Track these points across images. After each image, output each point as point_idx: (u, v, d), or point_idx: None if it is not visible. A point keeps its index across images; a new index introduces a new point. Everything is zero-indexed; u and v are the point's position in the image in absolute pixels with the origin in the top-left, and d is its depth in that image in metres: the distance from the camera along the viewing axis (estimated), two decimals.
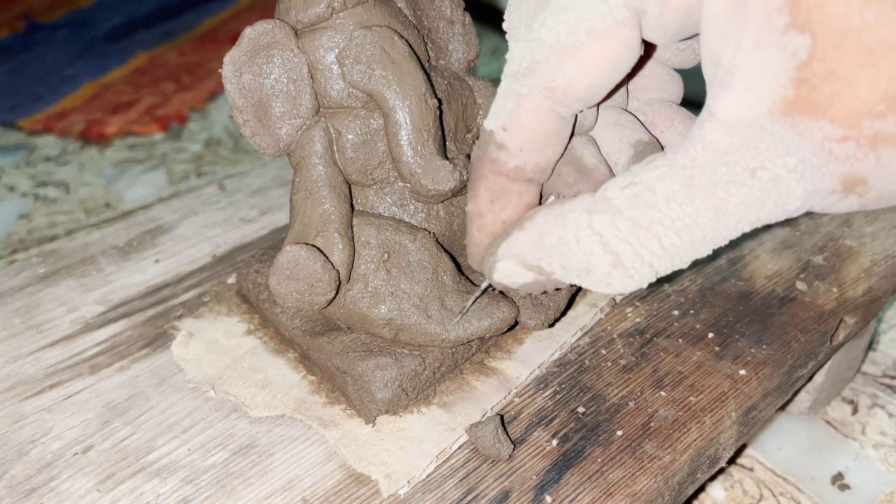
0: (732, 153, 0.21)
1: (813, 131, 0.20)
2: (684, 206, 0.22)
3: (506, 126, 0.26)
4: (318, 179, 0.35)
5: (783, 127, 0.21)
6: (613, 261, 0.24)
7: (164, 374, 0.38)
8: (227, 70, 0.34)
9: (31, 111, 0.94)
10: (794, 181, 0.21)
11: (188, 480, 0.33)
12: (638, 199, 0.23)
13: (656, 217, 0.22)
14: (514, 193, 0.28)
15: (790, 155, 0.21)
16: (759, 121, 0.21)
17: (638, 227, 0.23)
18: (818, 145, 0.21)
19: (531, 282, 0.28)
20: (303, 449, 0.34)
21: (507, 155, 0.27)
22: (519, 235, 0.27)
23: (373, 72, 0.33)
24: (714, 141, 0.21)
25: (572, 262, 0.25)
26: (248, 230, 0.49)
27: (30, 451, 0.34)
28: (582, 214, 0.24)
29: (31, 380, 0.38)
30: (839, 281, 0.43)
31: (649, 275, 0.24)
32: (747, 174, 0.21)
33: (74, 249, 0.48)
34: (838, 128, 0.20)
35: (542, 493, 0.32)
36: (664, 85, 0.30)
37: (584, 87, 0.24)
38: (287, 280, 0.32)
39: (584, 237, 0.24)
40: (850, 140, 0.20)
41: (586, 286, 0.25)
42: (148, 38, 1.11)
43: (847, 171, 0.21)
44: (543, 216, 0.26)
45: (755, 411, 0.37)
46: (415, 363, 0.34)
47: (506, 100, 0.26)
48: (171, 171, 0.81)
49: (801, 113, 0.20)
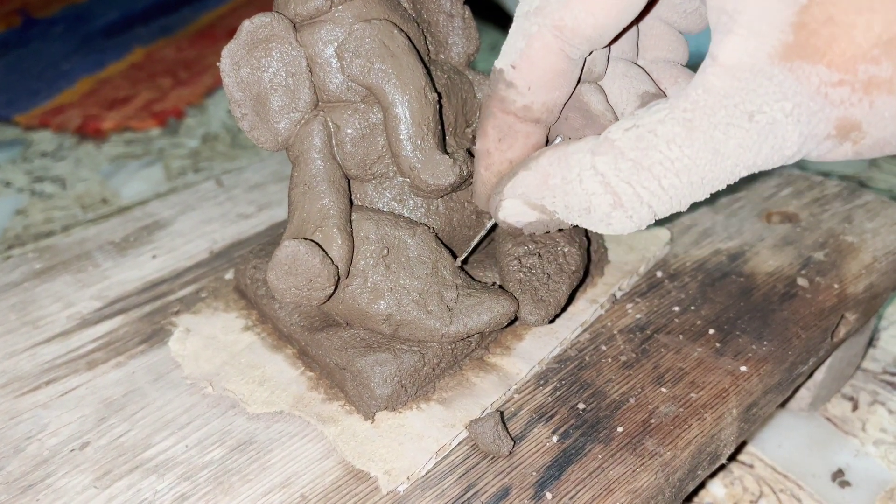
0: (732, 96, 0.22)
1: (810, 76, 0.21)
2: (684, 147, 0.23)
3: (515, 64, 0.27)
4: (316, 174, 0.34)
5: (781, 71, 0.21)
6: (614, 200, 0.24)
7: (161, 371, 0.38)
8: (225, 63, 0.33)
9: (27, 106, 0.93)
10: (790, 125, 0.22)
11: (186, 477, 0.32)
12: (640, 141, 0.23)
13: (657, 158, 0.23)
14: (521, 133, 0.29)
15: (787, 99, 0.21)
16: (759, 65, 0.21)
17: (639, 167, 0.24)
18: (815, 89, 0.21)
19: (535, 221, 0.29)
20: (301, 445, 0.34)
21: (516, 93, 0.27)
22: (524, 175, 0.27)
23: (372, 65, 0.33)
24: (714, 84, 0.22)
25: (574, 201, 0.26)
26: (246, 226, 0.49)
27: (26, 447, 0.34)
28: (585, 155, 0.25)
29: (26, 376, 0.38)
30: (840, 277, 0.43)
31: (648, 215, 0.24)
32: (745, 117, 0.22)
33: (71, 245, 0.48)
34: (834, 72, 0.21)
35: (543, 489, 0.31)
36: (670, 46, 0.31)
37: (591, 26, 0.25)
38: (285, 275, 0.32)
39: (587, 177, 0.25)
40: (845, 84, 0.21)
41: (587, 226, 0.26)
42: (145, 34, 1.10)
43: (842, 115, 0.21)
44: (549, 157, 0.27)
45: (756, 408, 0.37)
46: (414, 359, 0.34)
47: (516, 38, 0.27)
48: (169, 166, 0.81)
49: (800, 57, 0.21)
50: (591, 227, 0.26)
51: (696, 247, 0.45)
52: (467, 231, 0.38)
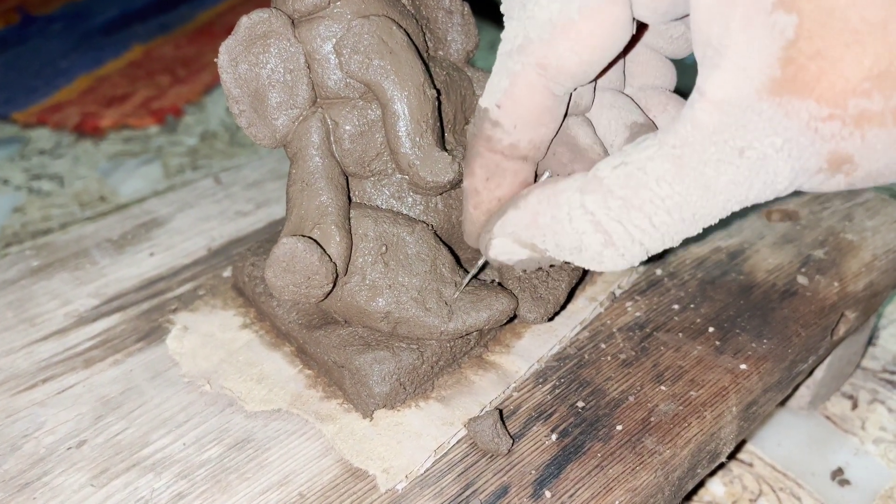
0: (721, 132, 0.21)
1: (800, 111, 0.21)
2: (674, 185, 0.22)
3: (500, 103, 0.27)
4: (314, 171, 0.34)
5: (770, 106, 0.21)
6: (605, 240, 0.24)
7: (158, 368, 0.38)
8: (222, 60, 0.33)
9: (25, 104, 0.93)
10: (781, 160, 0.21)
11: (183, 475, 0.32)
12: (629, 179, 0.23)
13: (647, 196, 0.23)
14: (509, 171, 0.28)
15: (777, 134, 0.21)
16: (747, 100, 0.21)
17: (629, 206, 0.23)
18: (804, 124, 0.21)
19: (526, 259, 0.28)
20: (299, 443, 0.33)
21: (502, 132, 0.27)
22: (513, 214, 0.27)
23: (371, 62, 0.33)
24: (703, 120, 0.22)
25: (565, 240, 0.25)
26: (244, 223, 0.49)
27: (22, 445, 0.34)
28: (574, 194, 0.25)
29: (23, 374, 0.38)
30: (840, 275, 0.43)
31: (640, 253, 0.24)
32: (735, 153, 0.21)
33: (68, 242, 0.47)
34: (824, 107, 0.20)
35: (542, 488, 0.31)
36: (658, 72, 0.30)
37: (575, 64, 0.25)
38: (283, 273, 0.32)
39: (577, 216, 0.25)
40: (835, 119, 0.20)
41: (579, 264, 0.26)
42: (143, 31, 1.10)
43: (833, 149, 0.21)
44: (537, 195, 0.26)
45: (756, 406, 0.37)
46: (412, 357, 0.34)
47: (500, 77, 0.26)
48: (167, 164, 0.81)
49: (789, 92, 0.20)
50: (583, 265, 0.26)
51: (696, 244, 0.45)
52: None
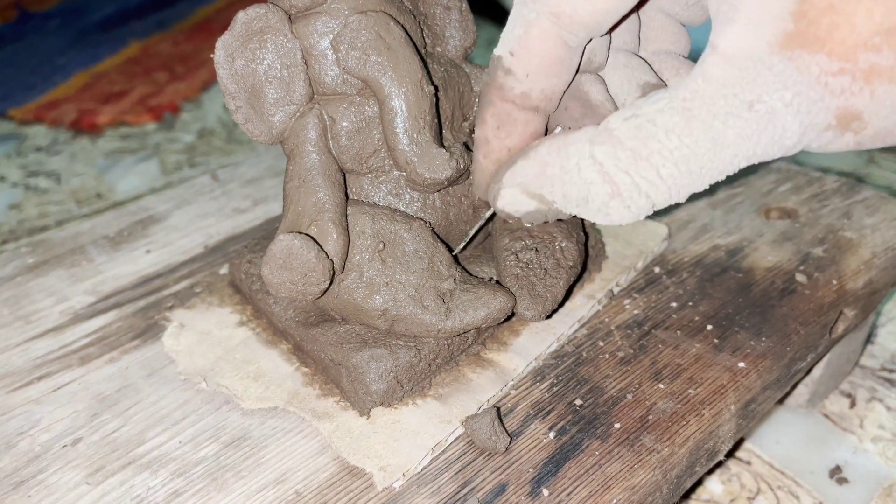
0: (731, 85, 0.22)
1: (810, 65, 0.21)
2: (683, 137, 0.23)
3: (513, 51, 0.27)
4: (311, 167, 0.34)
5: (781, 60, 0.21)
6: (612, 190, 0.24)
7: (154, 366, 0.38)
8: (219, 55, 0.33)
9: (22, 100, 0.93)
10: (790, 115, 0.21)
11: (179, 473, 0.32)
12: (639, 131, 0.23)
13: (655, 147, 0.23)
14: (520, 121, 0.28)
15: (787, 88, 0.21)
16: (759, 54, 0.21)
17: (637, 157, 0.23)
18: (815, 79, 0.21)
19: (533, 210, 0.29)
20: (296, 441, 0.33)
21: (514, 80, 0.27)
22: (523, 164, 0.27)
23: (368, 58, 0.33)
24: (714, 73, 0.22)
25: (573, 191, 0.26)
26: (241, 220, 0.49)
27: (17, 443, 0.34)
28: (584, 144, 0.25)
29: (19, 371, 0.38)
30: (839, 273, 0.43)
31: (646, 206, 0.24)
32: (745, 106, 0.22)
33: (64, 239, 0.47)
34: (835, 61, 0.20)
35: (539, 486, 0.31)
36: (672, 38, 0.31)
37: (588, 13, 0.25)
38: (280, 270, 0.32)
39: (585, 166, 0.25)
40: (845, 73, 0.21)
41: (585, 216, 0.26)
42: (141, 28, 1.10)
43: (842, 105, 0.21)
44: (547, 146, 0.26)
45: (754, 404, 0.37)
46: (410, 354, 0.34)
47: (514, 25, 0.26)
48: (164, 161, 0.80)
49: (800, 46, 0.21)
50: (588, 217, 0.26)
51: (695, 242, 0.45)
52: (464, 226, 0.38)
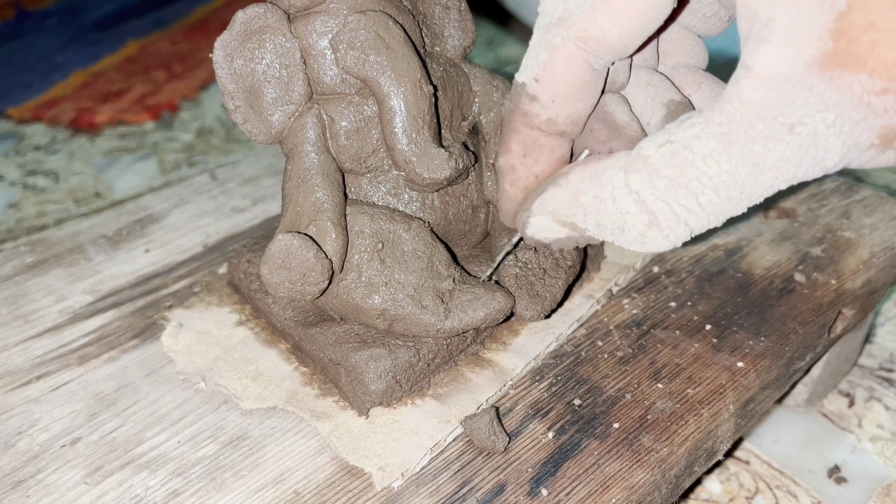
0: (770, 108, 0.21)
1: (852, 85, 0.20)
2: (722, 163, 0.22)
3: (538, 77, 0.26)
4: (310, 167, 0.34)
5: (821, 81, 0.20)
6: (649, 220, 0.24)
7: (153, 366, 0.37)
8: (218, 55, 0.33)
9: (20, 99, 0.92)
10: (832, 136, 0.21)
11: (178, 473, 0.32)
12: (675, 157, 0.23)
13: (694, 175, 0.22)
14: (546, 147, 0.28)
15: (829, 110, 0.21)
16: (797, 75, 0.20)
17: (675, 185, 0.23)
18: (857, 99, 0.20)
19: (564, 237, 0.28)
20: (295, 441, 0.33)
21: (540, 107, 0.27)
22: (554, 192, 0.27)
23: (367, 57, 0.33)
24: (751, 96, 0.21)
25: (607, 220, 0.25)
26: (240, 219, 0.49)
27: (16, 443, 0.34)
28: (618, 173, 0.24)
29: (17, 370, 0.38)
30: (838, 273, 0.43)
31: (684, 233, 0.24)
32: (785, 129, 0.21)
33: (63, 238, 0.47)
34: (877, 80, 0.20)
35: (538, 486, 0.31)
36: (691, 51, 0.30)
37: (616, 36, 0.25)
38: (279, 269, 0.32)
39: (621, 196, 0.24)
40: (889, 93, 0.20)
41: (620, 244, 0.26)
42: (139, 27, 1.09)
43: (886, 124, 0.21)
44: (579, 173, 0.26)
45: (753, 404, 0.37)
46: (409, 354, 0.34)
47: (538, 51, 0.26)
48: (163, 160, 0.80)
49: (840, 66, 0.20)
50: (624, 246, 0.26)
51: (693, 242, 0.45)
52: (462, 225, 0.38)
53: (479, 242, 0.40)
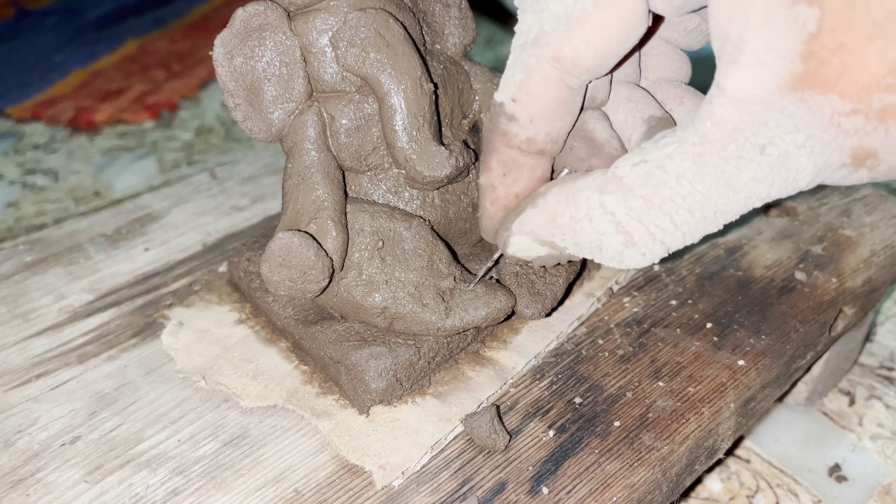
0: (742, 129, 0.21)
1: (822, 106, 0.20)
2: (695, 183, 0.22)
3: (515, 97, 0.26)
4: (310, 165, 0.34)
5: (792, 102, 0.20)
6: (625, 240, 0.24)
7: (153, 364, 0.37)
8: (218, 53, 0.33)
9: (19, 98, 0.92)
10: (803, 157, 0.21)
11: (178, 471, 0.32)
12: (649, 178, 0.23)
13: (668, 195, 0.23)
14: (526, 166, 0.28)
15: (799, 131, 0.21)
16: (768, 96, 0.21)
17: (649, 205, 0.23)
18: (827, 120, 0.20)
19: (545, 255, 0.28)
20: (295, 440, 0.33)
21: (518, 126, 0.27)
22: (532, 213, 0.27)
23: (367, 55, 0.33)
24: (723, 117, 0.21)
25: (585, 240, 0.25)
26: (240, 218, 0.49)
27: (16, 441, 0.34)
28: (593, 193, 0.24)
29: (17, 369, 0.37)
30: (838, 271, 0.43)
31: (661, 251, 0.24)
32: (756, 150, 0.21)
33: (62, 237, 0.47)
34: (847, 102, 0.20)
35: (539, 484, 0.31)
36: (673, 65, 0.30)
37: (591, 56, 0.25)
38: (279, 268, 0.31)
39: (596, 216, 0.24)
40: (858, 114, 0.20)
41: (599, 261, 0.26)
42: (138, 26, 1.09)
43: (856, 145, 0.21)
44: (556, 193, 0.26)
45: (754, 402, 0.37)
46: (409, 353, 0.34)
47: (514, 71, 0.26)
48: (162, 159, 0.80)
49: (810, 87, 0.20)
50: (603, 263, 0.26)
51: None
52: (463, 223, 0.37)
53: (480, 241, 0.40)
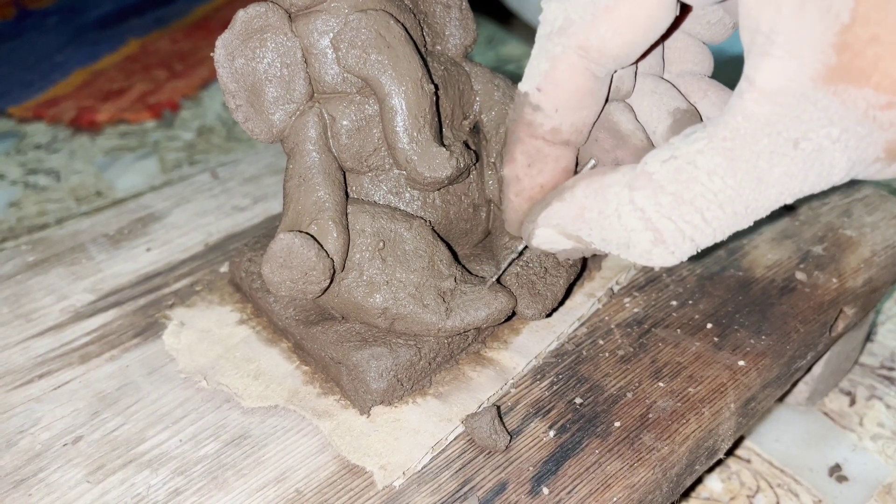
0: (774, 123, 0.21)
1: (857, 99, 0.20)
2: (727, 178, 0.22)
3: (541, 87, 0.26)
4: (311, 166, 0.34)
5: (826, 95, 0.20)
6: (655, 237, 0.24)
7: (155, 364, 0.38)
8: (219, 54, 0.33)
9: (21, 98, 0.92)
10: (837, 151, 0.21)
11: (180, 471, 0.32)
12: (679, 174, 0.23)
13: (699, 191, 0.22)
14: (550, 157, 0.28)
15: (833, 125, 0.20)
16: (801, 89, 0.20)
17: (680, 201, 0.23)
18: (862, 113, 0.20)
19: (570, 249, 0.28)
20: (296, 440, 0.33)
21: (543, 116, 0.27)
22: (559, 206, 0.27)
23: (368, 56, 0.33)
24: (755, 111, 0.21)
25: (612, 236, 0.25)
26: (241, 218, 0.49)
27: (18, 441, 0.34)
28: (623, 189, 0.24)
29: (19, 369, 0.38)
30: (839, 271, 0.43)
31: (690, 249, 0.24)
32: (790, 145, 0.21)
33: (64, 237, 0.47)
34: (882, 95, 0.20)
35: (540, 484, 0.31)
36: (696, 58, 0.30)
37: (617, 45, 0.24)
38: (280, 268, 0.32)
39: (625, 212, 0.24)
40: (894, 107, 0.20)
41: (626, 258, 0.26)
42: (140, 26, 1.09)
43: (891, 138, 0.21)
44: (584, 188, 0.26)
45: (754, 402, 0.37)
46: (410, 353, 0.34)
47: (539, 60, 0.26)
48: (164, 159, 0.80)
49: (844, 80, 0.20)
50: (631, 259, 0.25)
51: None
52: (464, 224, 0.38)
53: (481, 241, 0.40)
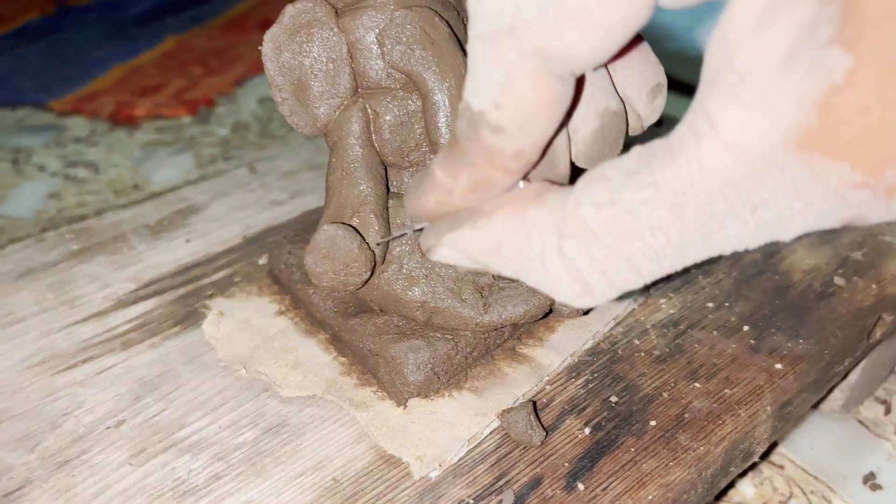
0: (735, 185, 0.18)
1: (829, 174, 0.17)
2: (671, 236, 0.19)
3: (499, 102, 0.21)
4: (354, 160, 0.34)
5: (796, 164, 0.17)
6: (582, 289, 0.21)
7: (194, 353, 0.38)
8: (267, 48, 0.34)
9: (61, 92, 0.94)
10: (795, 223, 0.18)
11: (219, 457, 0.33)
12: (618, 224, 0.19)
13: (638, 247, 0.19)
14: (499, 187, 0.23)
15: (798, 198, 0.18)
16: (771, 150, 0.17)
17: (616, 256, 0.20)
18: (831, 190, 0.17)
19: (472, 268, 0.25)
20: (334, 429, 0.34)
21: (506, 138, 0.21)
22: (471, 234, 0.23)
23: (413, 52, 0.33)
24: (714, 166, 0.18)
25: (532, 278, 0.22)
26: (279, 212, 0.49)
27: (62, 423, 0.35)
28: (550, 234, 0.21)
29: (63, 354, 0.38)
30: (878, 277, 0.42)
31: (614, 296, 0.21)
32: (747, 210, 0.18)
33: (106, 227, 0.48)
34: (857, 173, 0.17)
35: (575, 480, 0.31)
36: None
37: (585, 54, 0.20)
38: (323, 259, 0.32)
39: (551, 260, 0.21)
40: (866, 188, 0.17)
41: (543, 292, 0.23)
42: (177, 23, 1.11)
43: (854, 215, 0.18)
44: (503, 219, 0.22)
45: (791, 406, 0.37)
46: (447, 347, 0.34)
47: (489, 69, 0.20)
48: (199, 154, 0.81)
49: (820, 149, 0.17)
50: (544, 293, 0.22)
51: None
52: None
53: None
